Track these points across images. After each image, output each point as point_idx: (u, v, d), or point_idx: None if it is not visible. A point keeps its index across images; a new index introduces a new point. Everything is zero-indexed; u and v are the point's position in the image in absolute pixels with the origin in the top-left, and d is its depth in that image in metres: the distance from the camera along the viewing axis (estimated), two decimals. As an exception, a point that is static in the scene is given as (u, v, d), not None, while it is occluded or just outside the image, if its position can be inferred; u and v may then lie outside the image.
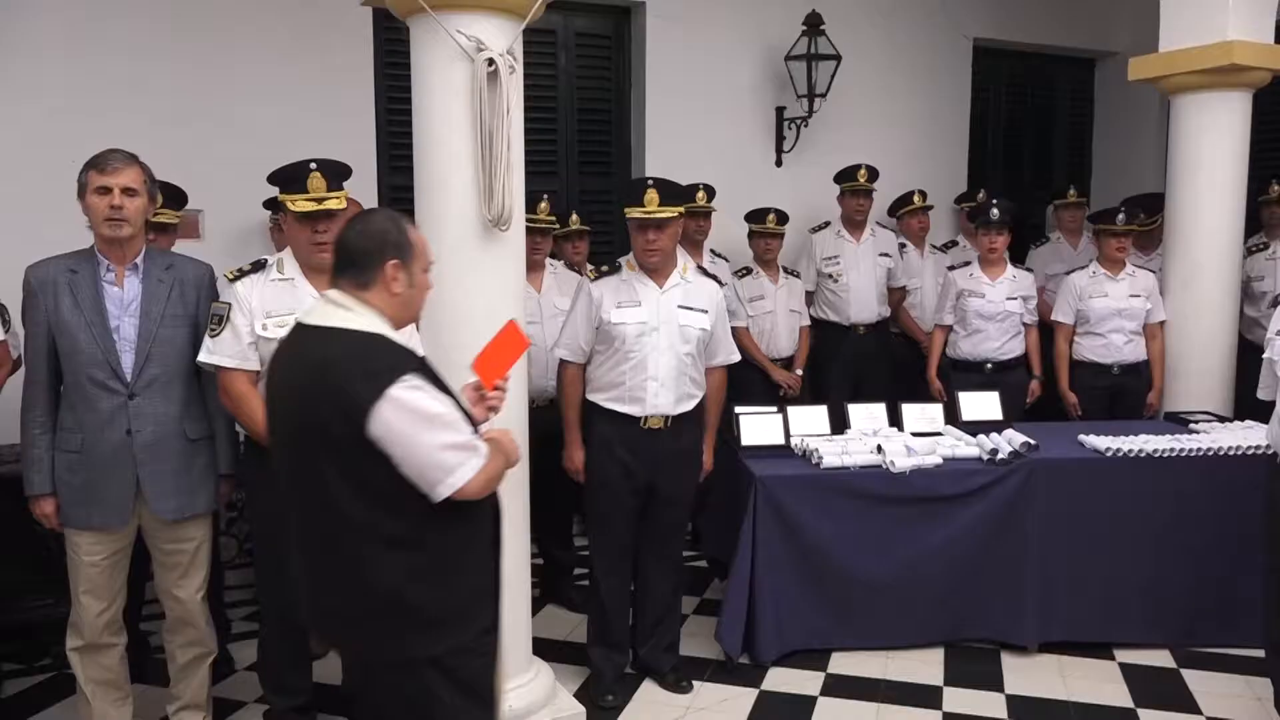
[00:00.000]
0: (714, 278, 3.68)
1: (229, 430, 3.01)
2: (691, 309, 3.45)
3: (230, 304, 2.88)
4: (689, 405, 3.47)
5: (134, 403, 2.81)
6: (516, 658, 3.19)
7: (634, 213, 3.36)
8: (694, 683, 3.63)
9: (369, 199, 4.60)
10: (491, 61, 2.86)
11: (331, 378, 1.89)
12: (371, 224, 2.07)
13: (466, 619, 2.01)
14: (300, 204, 2.87)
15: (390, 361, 1.91)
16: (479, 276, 2.99)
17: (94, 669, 2.95)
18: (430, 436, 1.88)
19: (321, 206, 2.87)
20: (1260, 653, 3.24)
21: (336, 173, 2.94)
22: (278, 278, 2.94)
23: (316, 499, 1.94)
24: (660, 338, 3.39)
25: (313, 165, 2.90)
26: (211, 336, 2.86)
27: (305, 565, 2.05)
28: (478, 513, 2.02)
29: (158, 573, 3.00)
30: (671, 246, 3.44)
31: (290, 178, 2.91)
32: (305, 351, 1.98)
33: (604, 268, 3.57)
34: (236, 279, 2.93)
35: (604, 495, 3.45)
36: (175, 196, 3.85)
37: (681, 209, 3.44)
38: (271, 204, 4.11)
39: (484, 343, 2.97)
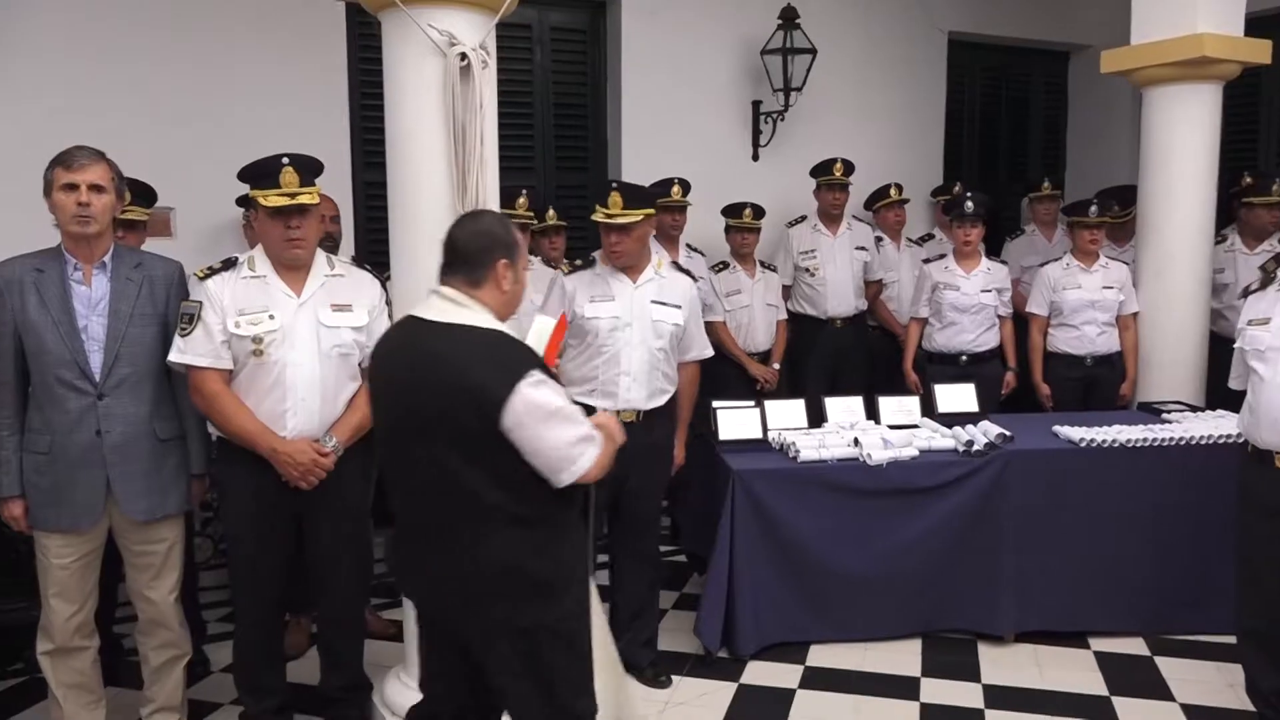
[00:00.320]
0: (688, 273, 3.68)
1: (201, 429, 2.98)
2: (665, 304, 3.46)
3: (201, 302, 2.84)
4: (661, 400, 3.48)
5: (103, 403, 2.77)
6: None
7: (597, 215, 3.39)
8: (673, 677, 3.63)
9: (343, 195, 4.57)
10: (464, 56, 2.84)
11: (466, 373, 2.02)
12: (482, 224, 2.21)
13: (572, 585, 2.17)
14: (272, 199, 2.83)
15: (518, 358, 2.06)
16: (453, 273, 2.97)
17: (65, 673, 2.91)
18: (556, 429, 2.04)
19: (295, 201, 2.84)
20: (1232, 639, 3.27)
21: (309, 167, 2.91)
22: (249, 275, 2.91)
23: (438, 484, 2.07)
24: (633, 333, 3.40)
25: (285, 160, 2.86)
26: (182, 335, 2.82)
27: (417, 546, 2.17)
28: (579, 487, 2.17)
29: (130, 574, 2.97)
30: (638, 249, 3.45)
31: (262, 173, 2.87)
32: (426, 346, 2.11)
33: (578, 262, 3.56)
34: (207, 277, 2.89)
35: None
36: (144, 194, 3.81)
37: (648, 211, 3.45)
38: (244, 201, 4.07)
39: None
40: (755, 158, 5.74)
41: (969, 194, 4.96)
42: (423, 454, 2.08)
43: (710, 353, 3.73)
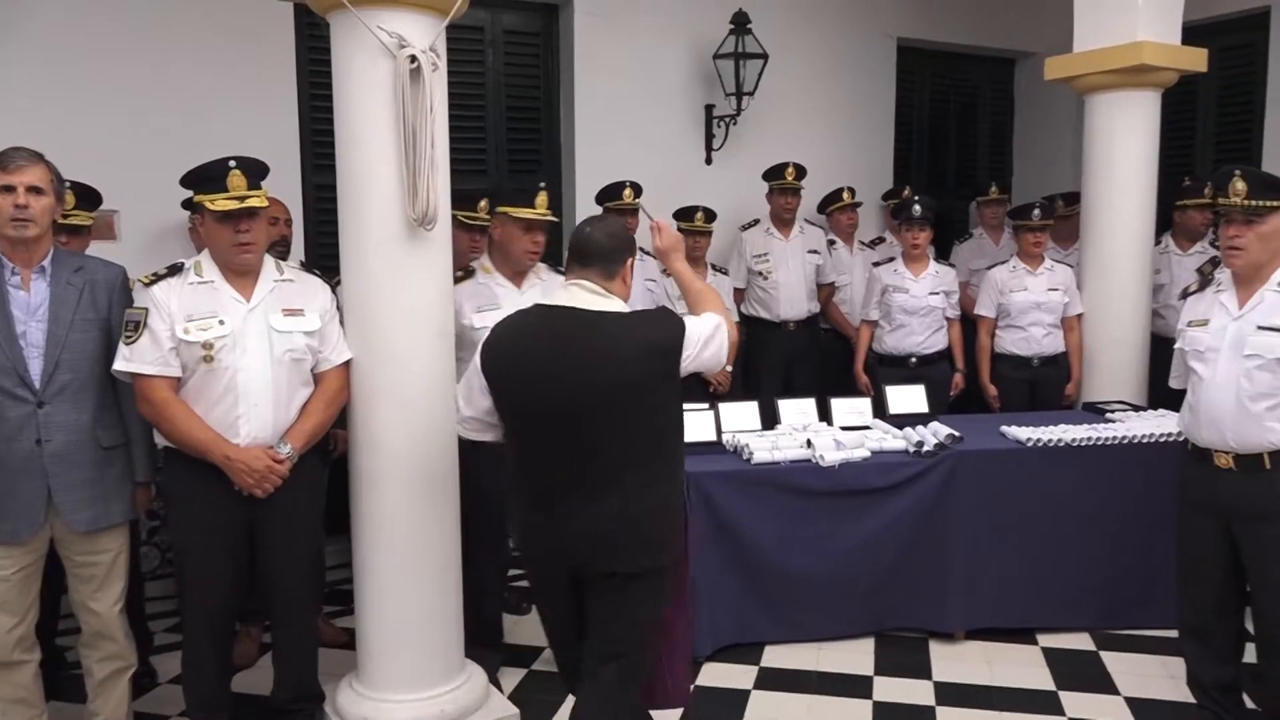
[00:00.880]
0: (560, 273, 3.71)
1: (145, 436, 2.92)
2: None
3: (147, 309, 2.78)
4: None
5: (43, 411, 2.70)
6: (448, 660, 3.16)
7: (523, 213, 3.37)
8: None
9: (293, 198, 4.50)
10: (414, 59, 2.81)
11: (650, 339, 2.39)
12: (612, 226, 2.58)
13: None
14: (221, 203, 2.78)
15: (666, 313, 2.56)
16: (404, 277, 2.95)
17: (6, 687, 2.83)
18: (706, 333, 2.50)
19: (244, 205, 2.79)
20: (1175, 633, 3.34)
21: (256, 170, 2.87)
22: (197, 280, 2.86)
23: (610, 445, 2.36)
24: None
25: (232, 163, 2.81)
26: (128, 344, 2.76)
27: (569, 505, 2.40)
28: None
29: (72, 585, 2.90)
30: None
31: (207, 177, 2.82)
32: (590, 328, 2.39)
33: (458, 273, 3.47)
34: (152, 283, 2.83)
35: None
36: (88, 197, 3.72)
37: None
38: (190, 204, 3.99)
39: (409, 344, 2.95)
40: (708, 161, 5.77)
41: (916, 198, 5.04)
42: (591, 424, 2.35)
43: None
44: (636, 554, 2.40)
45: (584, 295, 2.46)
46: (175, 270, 2.87)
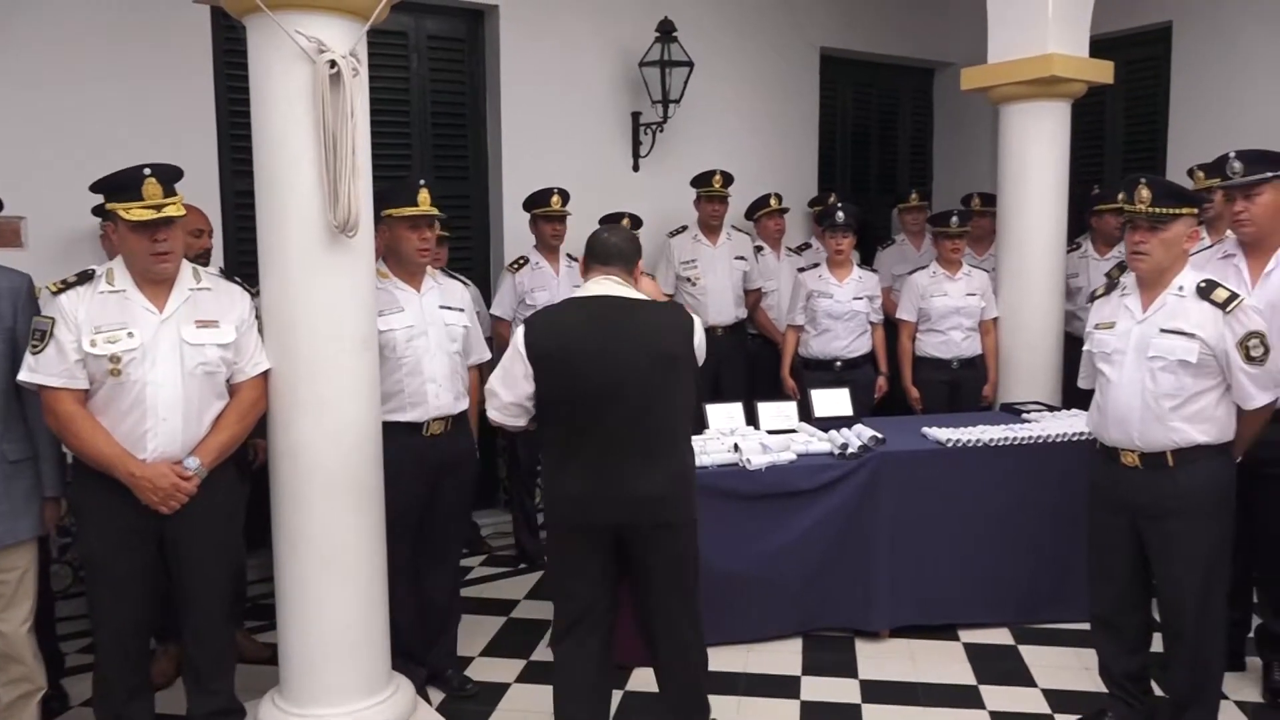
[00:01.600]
0: (458, 278, 3.73)
1: (54, 450, 2.83)
2: (451, 308, 3.52)
3: (54, 318, 2.69)
4: (464, 404, 3.54)
5: (-56, 425, 2.60)
6: (374, 673, 3.12)
7: (406, 211, 3.37)
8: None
9: (211, 204, 4.40)
10: (334, 64, 2.77)
11: (675, 321, 2.81)
12: (625, 233, 3.01)
13: None
14: (136, 212, 2.70)
15: (680, 308, 2.96)
16: (325, 284, 2.91)
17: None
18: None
19: (162, 215, 2.72)
20: (1088, 626, 3.45)
21: (171, 176, 2.80)
22: (107, 289, 2.77)
23: (652, 413, 2.73)
24: (430, 340, 3.42)
25: (147, 171, 2.73)
26: (34, 354, 2.67)
27: (619, 472, 2.72)
28: None
29: (-23, 606, 2.79)
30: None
31: (121, 185, 2.73)
32: (628, 310, 2.78)
33: None
34: (60, 291, 2.74)
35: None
36: (-9, 203, 3.59)
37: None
38: (101, 210, 3.88)
39: (331, 352, 2.91)
40: (635, 168, 5.80)
41: (840, 205, 5.14)
42: (649, 393, 2.71)
43: (488, 355, 3.79)
44: (681, 507, 2.80)
45: (613, 286, 2.82)
46: (85, 278, 2.79)
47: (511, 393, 2.81)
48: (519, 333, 2.80)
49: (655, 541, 2.79)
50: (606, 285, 2.82)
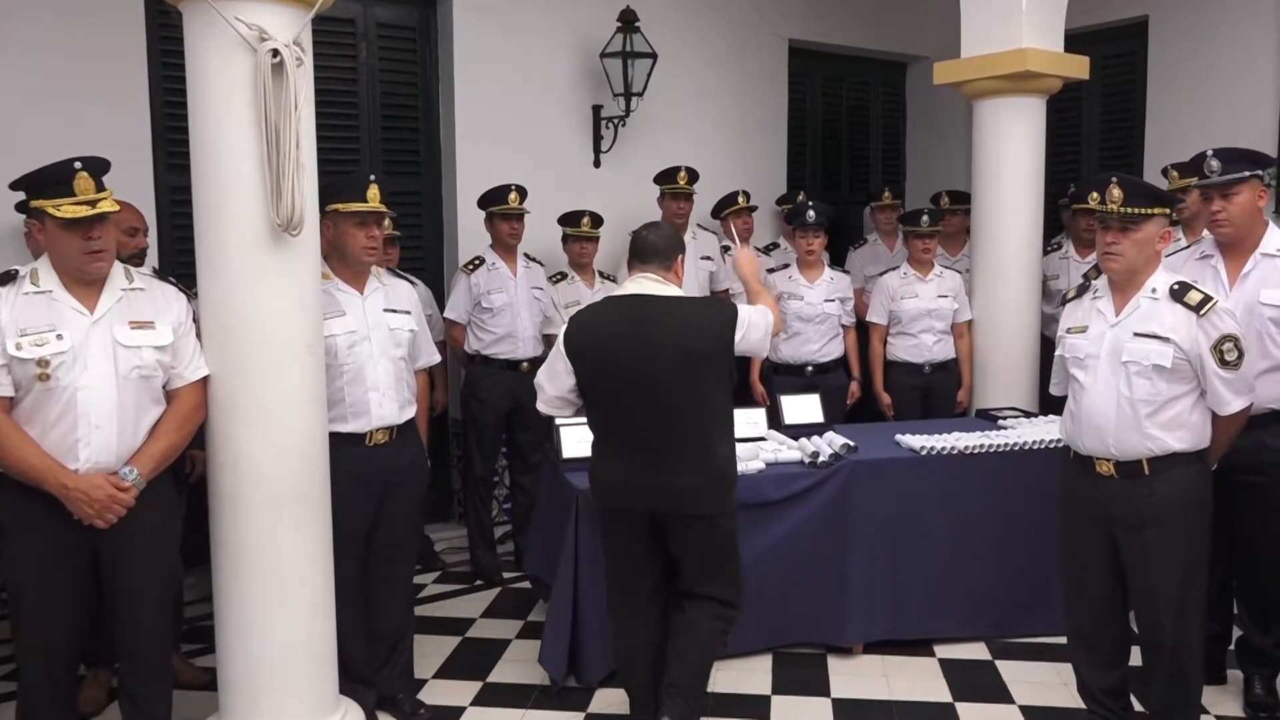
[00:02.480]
0: (405, 278, 3.72)
1: (-24, 464, 2.77)
2: (396, 311, 3.49)
3: (-27, 322, 2.65)
4: (411, 412, 3.52)
5: None
6: (321, 697, 3.10)
7: (354, 207, 3.35)
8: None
9: (145, 201, 4.34)
10: (276, 53, 2.77)
11: (716, 317, 3.10)
12: (665, 229, 3.29)
13: None
14: (67, 209, 2.66)
15: (722, 300, 3.38)
16: (268, 286, 2.89)
17: None
18: (756, 316, 3.17)
19: (96, 211, 2.68)
20: (1065, 640, 3.50)
21: (102, 170, 2.76)
22: (32, 290, 2.73)
23: (690, 409, 3.04)
24: (373, 345, 3.39)
25: (78, 165, 2.69)
26: (-47, 359, 2.63)
27: (660, 463, 3.03)
28: None
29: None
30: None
31: (50, 181, 2.69)
32: (663, 308, 3.07)
33: None
34: (-19, 293, 2.70)
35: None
36: (-95, 198, 3.51)
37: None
38: (25, 207, 3.81)
39: (274, 357, 2.89)
40: (596, 164, 5.81)
41: (810, 203, 5.19)
42: (679, 389, 3.00)
43: (438, 359, 3.81)
44: (711, 500, 3.08)
45: (649, 284, 3.12)
46: (8, 278, 2.74)
47: (555, 386, 3.17)
48: (562, 331, 3.18)
49: (685, 531, 3.10)
50: (643, 283, 3.13)
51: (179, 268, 4.30)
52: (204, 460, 3.13)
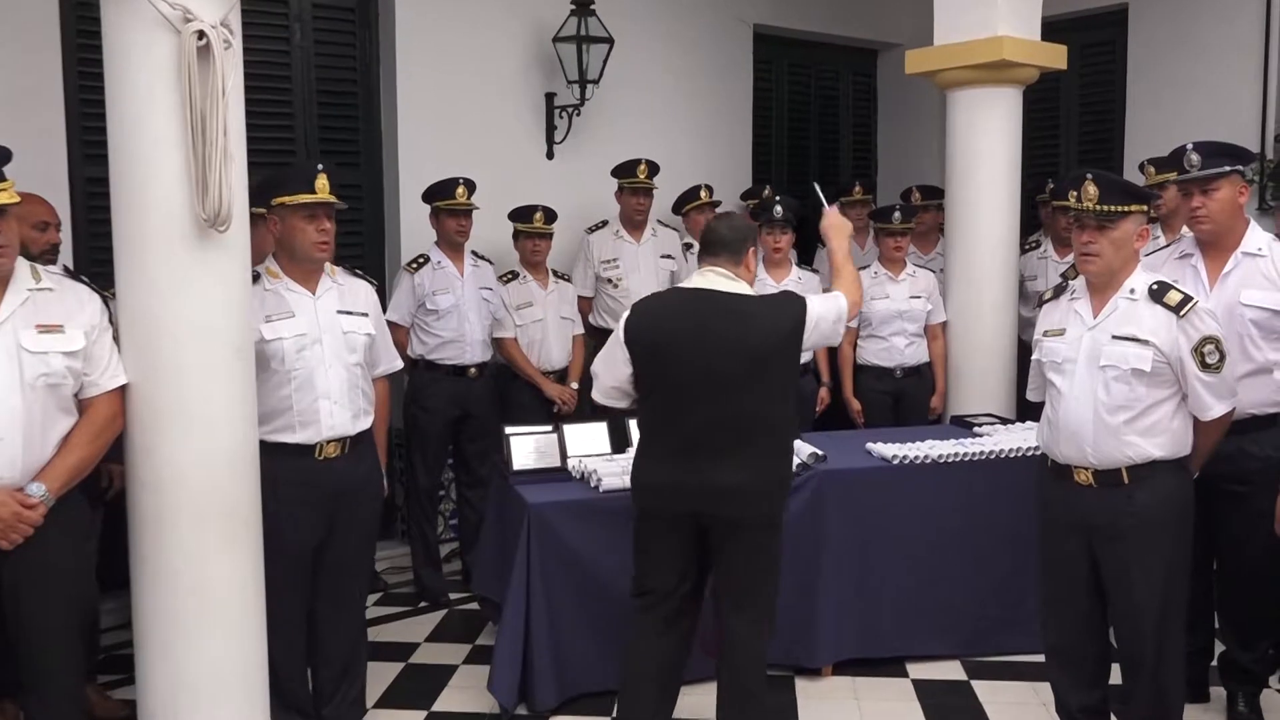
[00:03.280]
0: (364, 277, 3.69)
1: None
2: (351, 313, 3.46)
3: None
4: (366, 422, 3.49)
5: None
6: (251, 730, 3.07)
7: (302, 199, 3.31)
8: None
9: (58, 194, 4.25)
10: (202, 34, 2.74)
11: (781, 318, 3.15)
12: (736, 220, 3.41)
13: None
14: None
15: (788, 295, 3.44)
16: (193, 286, 2.86)
17: None
18: (826, 304, 3.28)
19: None
20: (1044, 658, 3.55)
21: (3, 160, 2.72)
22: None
23: (746, 410, 3.08)
24: (324, 349, 3.36)
25: None
26: None
27: (708, 464, 3.08)
28: None
29: None
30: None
31: None
32: (727, 306, 3.13)
33: None
34: None
35: (274, 548, 3.23)
36: None
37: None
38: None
39: (199, 363, 2.85)
40: (550, 155, 5.81)
41: (778, 198, 5.21)
42: (737, 390, 3.05)
43: (400, 364, 3.80)
44: (763, 505, 3.14)
45: (716, 279, 3.18)
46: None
47: (612, 376, 3.23)
48: (623, 319, 3.22)
49: (731, 535, 3.14)
50: (709, 278, 3.19)
51: (95, 266, 4.23)
52: (122, 475, 3.09)
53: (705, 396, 3.07)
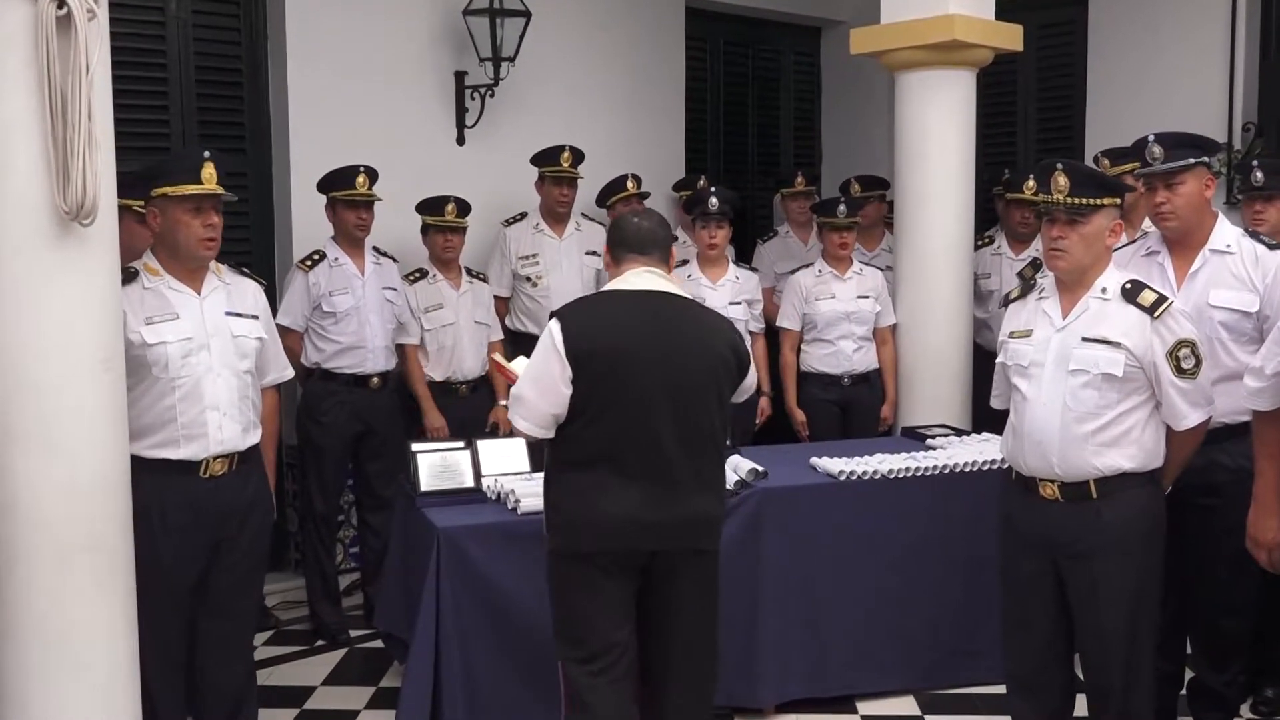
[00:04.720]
0: (252, 276, 3.66)
1: None
2: (241, 315, 3.45)
3: None
4: (256, 436, 3.48)
5: None
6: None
7: (187, 189, 3.29)
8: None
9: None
10: (62, 3, 2.69)
11: (727, 326, 3.24)
12: (655, 215, 3.37)
13: None
14: None
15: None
16: (53, 287, 2.79)
17: None
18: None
19: None
20: (1004, 689, 3.61)
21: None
22: None
23: (706, 423, 3.07)
24: (212, 355, 3.34)
25: None
26: None
27: (668, 493, 3.01)
28: None
29: None
30: None
31: None
32: (684, 309, 3.14)
33: None
34: None
35: (150, 579, 3.17)
36: None
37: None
38: None
39: (61, 374, 2.80)
40: (460, 141, 5.79)
41: (713, 189, 5.25)
42: (701, 402, 3.05)
43: (290, 373, 3.81)
44: (719, 532, 3.18)
45: (659, 280, 3.14)
46: None
47: (549, 401, 3.01)
48: (554, 329, 3.01)
49: (690, 568, 3.11)
50: (652, 280, 3.13)
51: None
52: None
53: (669, 412, 3.00)
